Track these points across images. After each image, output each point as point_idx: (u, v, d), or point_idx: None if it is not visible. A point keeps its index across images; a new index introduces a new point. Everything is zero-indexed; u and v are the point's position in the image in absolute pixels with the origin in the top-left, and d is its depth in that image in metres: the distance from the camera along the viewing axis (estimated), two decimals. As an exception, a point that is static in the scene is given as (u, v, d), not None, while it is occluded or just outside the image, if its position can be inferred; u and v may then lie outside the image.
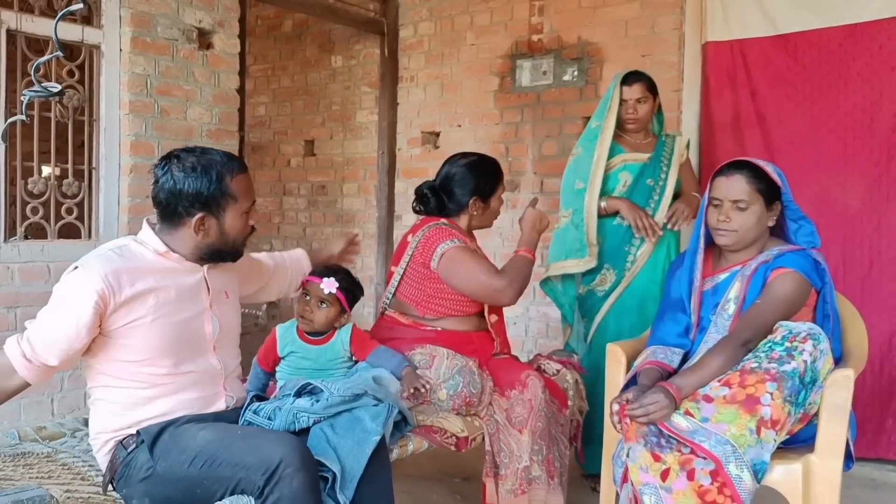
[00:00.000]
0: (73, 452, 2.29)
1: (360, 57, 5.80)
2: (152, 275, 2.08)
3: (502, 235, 5.10)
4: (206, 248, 2.15)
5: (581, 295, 3.56)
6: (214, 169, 2.09)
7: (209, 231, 2.12)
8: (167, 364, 2.10)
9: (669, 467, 2.18)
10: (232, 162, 2.14)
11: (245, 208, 2.16)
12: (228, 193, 2.11)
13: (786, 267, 2.44)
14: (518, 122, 5.04)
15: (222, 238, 2.15)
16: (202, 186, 2.07)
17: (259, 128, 6.40)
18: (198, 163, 2.09)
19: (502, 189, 3.14)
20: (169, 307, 2.09)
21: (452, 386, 2.62)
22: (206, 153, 2.13)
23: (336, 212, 5.97)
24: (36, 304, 3.46)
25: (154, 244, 2.13)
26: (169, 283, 2.10)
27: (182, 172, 2.08)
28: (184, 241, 2.14)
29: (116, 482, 2.04)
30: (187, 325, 2.14)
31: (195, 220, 2.09)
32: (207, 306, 2.20)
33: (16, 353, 1.99)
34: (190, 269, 2.17)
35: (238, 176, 2.13)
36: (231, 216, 2.13)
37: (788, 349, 2.23)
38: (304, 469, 1.86)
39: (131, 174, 3.80)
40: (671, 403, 2.22)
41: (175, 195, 2.08)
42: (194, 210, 2.09)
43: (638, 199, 3.47)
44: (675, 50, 4.41)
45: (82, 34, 3.67)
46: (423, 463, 3.62)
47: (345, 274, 2.72)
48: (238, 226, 2.16)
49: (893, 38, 3.75)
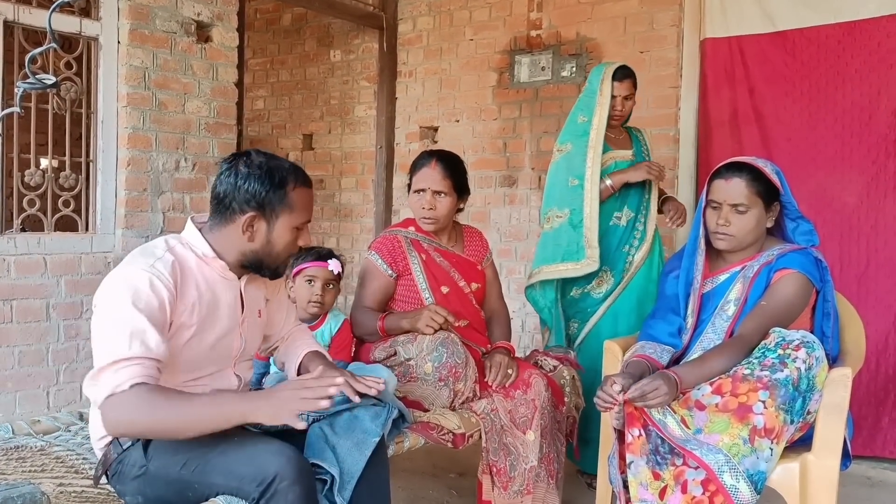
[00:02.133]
0: (67, 446, 2.29)
1: (358, 51, 5.79)
2: (196, 285, 2.02)
3: (499, 231, 5.10)
4: (251, 255, 2.08)
5: (573, 297, 3.48)
6: (280, 173, 2.04)
7: (256, 234, 2.05)
8: (186, 377, 2.05)
9: (667, 484, 2.18)
10: (298, 173, 2.08)
11: (298, 223, 2.08)
12: (286, 201, 2.04)
13: (789, 268, 2.43)
14: (516, 117, 5.03)
15: (268, 247, 2.08)
16: (262, 186, 2.01)
17: (257, 121, 6.39)
18: (266, 164, 2.04)
19: (415, 184, 2.96)
20: (206, 322, 2.04)
21: (437, 358, 2.63)
22: (275, 159, 2.08)
23: (334, 206, 5.96)
24: (32, 296, 3.48)
25: (201, 247, 2.06)
26: (209, 297, 2.04)
27: (247, 169, 2.02)
28: (230, 241, 2.06)
29: (111, 478, 2.03)
30: (219, 341, 2.09)
31: (246, 218, 2.03)
32: (240, 323, 2.14)
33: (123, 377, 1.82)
34: (230, 282, 2.11)
35: (301, 188, 2.07)
36: (282, 225, 2.06)
37: (781, 357, 2.21)
38: (299, 482, 1.82)
39: (129, 167, 3.80)
40: (671, 392, 2.19)
41: (234, 189, 2.02)
42: (248, 208, 2.02)
43: (632, 198, 3.45)
44: (673, 46, 4.41)
45: (80, 26, 3.66)
46: (419, 458, 3.62)
47: (335, 255, 2.85)
48: (286, 238, 2.08)
49: (892, 35, 3.76)
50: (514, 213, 5.07)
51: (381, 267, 2.91)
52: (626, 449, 2.26)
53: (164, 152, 3.92)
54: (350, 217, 5.89)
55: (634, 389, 2.19)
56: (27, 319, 3.51)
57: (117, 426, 1.86)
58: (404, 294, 2.94)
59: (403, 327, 2.75)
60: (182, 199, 4.02)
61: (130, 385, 1.80)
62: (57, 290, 3.58)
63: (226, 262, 2.08)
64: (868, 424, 3.76)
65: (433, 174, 2.91)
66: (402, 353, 2.70)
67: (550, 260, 3.40)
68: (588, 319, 3.44)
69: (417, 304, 2.90)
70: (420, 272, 2.92)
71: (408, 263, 2.92)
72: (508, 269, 5.06)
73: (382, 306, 2.94)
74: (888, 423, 3.77)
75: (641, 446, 2.23)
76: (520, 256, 5.03)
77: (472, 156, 5.09)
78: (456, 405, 2.67)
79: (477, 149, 5.18)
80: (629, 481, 2.23)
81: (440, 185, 2.90)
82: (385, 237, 3.00)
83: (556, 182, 3.44)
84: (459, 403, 2.68)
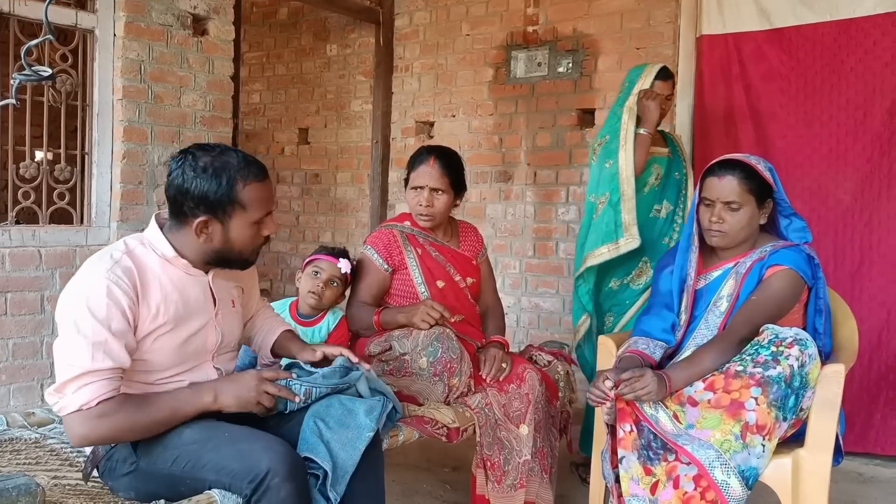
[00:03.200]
0: (61, 438, 2.29)
1: (355, 46, 5.78)
2: (160, 287, 1.98)
3: (495, 226, 5.10)
4: (212, 253, 2.04)
5: (611, 289, 3.47)
6: (227, 172, 1.95)
7: (212, 237, 2.00)
8: (161, 375, 2.02)
9: (658, 479, 2.19)
10: (249, 168, 1.99)
11: (255, 218, 2.01)
12: (237, 201, 1.96)
13: (781, 264, 2.44)
14: (512, 113, 5.03)
15: (227, 245, 2.02)
16: (209, 189, 1.93)
17: (253, 115, 6.38)
18: (211, 164, 1.95)
19: (412, 181, 2.97)
20: (176, 321, 2.00)
21: (432, 353, 2.64)
22: (223, 154, 1.99)
23: (329, 200, 5.96)
24: (27, 289, 3.48)
25: (162, 248, 2.01)
26: (176, 297, 2.00)
27: (193, 171, 1.94)
28: (188, 242, 2.02)
29: (101, 473, 2.02)
30: (192, 338, 2.05)
31: (198, 222, 1.97)
32: (213, 316, 2.11)
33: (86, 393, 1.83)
34: (196, 277, 2.07)
35: (252, 184, 1.98)
36: (238, 225, 1.99)
37: (774, 354, 2.22)
38: (291, 479, 1.83)
39: (124, 160, 3.79)
40: (661, 390, 2.22)
41: (182, 193, 1.95)
42: (198, 212, 1.96)
43: (670, 192, 3.47)
44: (669, 43, 4.41)
45: (76, 18, 3.65)
46: (413, 452, 3.63)
47: (349, 256, 2.88)
48: (246, 235, 2.02)
49: (887, 33, 3.76)
50: (510, 209, 5.07)
51: (377, 261, 2.91)
52: (617, 444, 2.27)
53: (159, 145, 3.92)
54: (345, 212, 5.89)
55: (624, 385, 2.22)
56: (22, 312, 3.50)
57: (85, 440, 1.88)
58: (400, 288, 2.94)
59: (399, 321, 2.76)
60: (177, 193, 4.01)
61: (97, 402, 1.83)
62: (52, 283, 3.58)
63: (188, 260, 2.04)
64: (861, 421, 3.78)
65: (431, 172, 2.91)
66: (398, 348, 2.71)
67: (592, 246, 3.38)
68: (625, 312, 3.44)
69: (413, 299, 2.90)
70: (416, 266, 2.93)
71: (403, 258, 2.92)
72: (504, 265, 5.07)
73: (378, 301, 2.95)
74: (880, 419, 3.79)
75: (633, 441, 2.24)
76: (515, 252, 5.04)
77: (467, 151, 5.10)
78: (450, 400, 2.67)
79: (473, 144, 5.18)
80: (621, 476, 2.24)
81: (438, 182, 2.91)
82: (380, 232, 3.00)
83: (596, 172, 3.41)
84: (454, 398, 2.68)
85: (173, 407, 1.92)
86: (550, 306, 4.90)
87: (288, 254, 6.15)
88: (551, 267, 4.90)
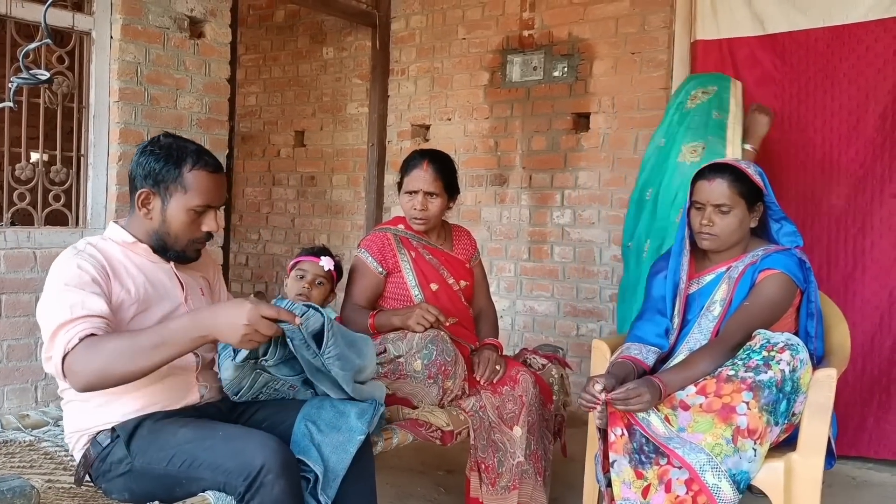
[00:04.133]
0: (55, 441, 2.29)
1: (351, 49, 5.79)
2: (126, 271, 2.06)
3: (490, 229, 5.11)
4: (154, 235, 2.11)
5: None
6: (178, 153, 2.07)
7: (152, 212, 2.09)
8: None
9: (650, 483, 2.20)
10: (203, 157, 2.10)
11: (193, 205, 2.07)
12: (179, 181, 2.06)
13: (773, 268, 2.46)
14: (508, 116, 5.05)
15: (164, 226, 2.09)
16: (157, 164, 2.06)
17: (249, 117, 6.39)
18: (168, 146, 2.09)
19: (406, 185, 2.97)
20: (145, 302, 2.06)
21: (427, 355, 2.64)
22: (183, 141, 2.12)
23: (325, 203, 5.97)
24: (21, 290, 3.48)
25: (120, 236, 2.12)
26: (142, 279, 2.08)
27: (151, 150, 2.08)
28: (138, 222, 2.12)
29: (94, 477, 2.02)
30: (166, 320, 2.03)
31: (140, 192, 2.07)
32: (183, 301, 2.15)
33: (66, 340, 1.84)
34: (158, 265, 2.15)
35: (201, 171, 2.08)
36: (175, 205, 2.07)
37: (766, 358, 2.24)
38: (285, 475, 1.84)
39: (120, 162, 3.79)
40: (654, 398, 2.23)
41: (136, 167, 2.09)
42: (144, 184, 2.07)
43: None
44: (664, 48, 4.43)
45: (73, 20, 3.66)
46: (407, 455, 3.63)
47: (331, 254, 2.88)
48: (181, 219, 2.08)
49: (880, 40, 3.78)
50: (505, 212, 5.08)
51: (371, 264, 2.92)
52: (609, 448, 2.28)
53: (155, 148, 3.92)
54: (341, 214, 5.89)
55: (618, 392, 2.22)
56: (16, 314, 3.50)
57: (85, 381, 1.82)
58: (394, 291, 2.95)
59: (394, 324, 2.77)
60: (173, 195, 4.02)
61: (80, 339, 1.82)
62: (47, 285, 3.57)
63: (148, 245, 2.13)
64: (853, 424, 3.79)
65: (425, 176, 2.92)
66: (392, 351, 2.72)
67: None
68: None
69: (407, 301, 2.91)
70: (410, 269, 2.93)
71: (397, 261, 2.93)
72: (499, 268, 5.08)
73: (372, 303, 2.96)
74: (873, 422, 3.80)
75: (624, 445, 2.25)
76: (510, 255, 5.05)
77: (463, 154, 5.11)
78: (445, 403, 2.68)
79: (468, 147, 5.19)
80: (612, 480, 2.25)
81: (432, 186, 2.92)
82: (374, 235, 3.01)
83: (674, 183, 3.38)
84: (448, 401, 2.69)
85: (163, 335, 1.82)
86: (545, 310, 4.92)
87: (283, 256, 6.15)
88: (546, 270, 4.91)
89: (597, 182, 4.71)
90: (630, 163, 4.55)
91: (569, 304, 4.82)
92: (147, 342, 1.80)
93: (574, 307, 4.80)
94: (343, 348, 2.15)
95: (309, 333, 2.05)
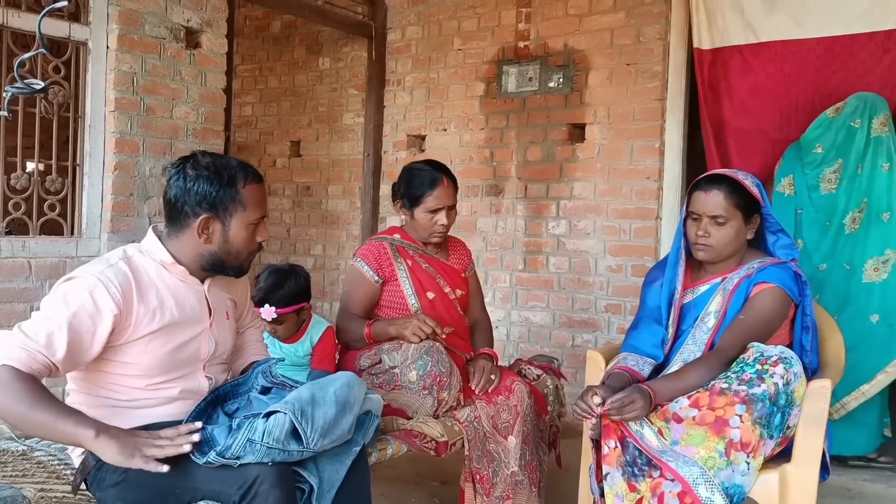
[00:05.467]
0: (48, 451, 2.28)
1: (347, 59, 5.80)
2: (156, 293, 2.02)
3: (485, 240, 5.12)
4: (209, 257, 2.08)
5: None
6: (227, 172, 2.04)
7: (213, 236, 2.05)
8: (150, 381, 2.04)
9: (643, 496, 2.20)
10: (247, 170, 2.09)
11: (253, 219, 2.08)
12: (238, 199, 2.04)
13: (769, 282, 2.46)
14: (503, 127, 5.06)
15: (226, 247, 2.07)
16: (212, 187, 2.01)
17: (245, 128, 6.39)
18: (212, 164, 2.04)
19: (431, 203, 2.93)
20: (170, 328, 2.03)
21: (422, 366, 2.64)
22: (222, 158, 2.09)
23: (321, 213, 5.97)
24: (16, 300, 3.47)
25: (159, 254, 2.06)
26: (171, 303, 2.04)
27: (195, 171, 2.03)
28: (188, 246, 2.07)
29: (90, 484, 2.02)
30: (185, 346, 2.07)
31: (199, 221, 2.03)
32: (207, 326, 2.13)
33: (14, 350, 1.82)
34: (192, 286, 2.11)
35: (251, 184, 2.08)
36: (237, 224, 2.06)
37: (759, 371, 2.23)
38: (279, 486, 1.83)
39: (115, 172, 3.79)
40: (646, 405, 2.23)
41: (184, 193, 2.02)
42: (200, 210, 2.02)
43: None
44: (659, 59, 4.44)
45: (69, 30, 3.66)
46: (402, 466, 3.62)
47: (281, 284, 2.84)
48: (243, 236, 2.08)
49: (873, 53, 3.81)
50: (501, 223, 5.09)
51: (367, 273, 2.92)
52: (602, 460, 2.28)
53: (151, 157, 3.92)
54: (337, 224, 5.89)
55: (611, 402, 2.22)
56: (11, 323, 3.45)
57: None
58: (390, 300, 2.95)
59: (390, 334, 2.77)
60: (168, 205, 4.02)
61: (2, 363, 1.79)
62: (41, 294, 3.56)
63: (185, 266, 2.08)
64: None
65: (448, 191, 2.95)
66: (387, 361, 2.71)
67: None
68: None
69: (403, 310, 2.91)
70: (406, 278, 2.94)
71: (394, 269, 2.94)
72: (494, 278, 5.08)
73: (368, 313, 2.96)
74: None
75: (617, 458, 2.25)
76: (505, 266, 5.05)
77: (458, 165, 5.11)
78: (440, 413, 2.68)
79: (464, 158, 5.19)
80: (605, 492, 2.25)
81: (453, 199, 2.98)
82: (370, 244, 3.01)
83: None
84: (443, 412, 2.69)
85: (54, 420, 1.80)
86: (540, 320, 4.92)
87: (279, 266, 6.13)
88: (541, 281, 4.92)
89: (592, 193, 4.71)
90: (625, 173, 4.57)
91: (564, 314, 4.82)
92: (36, 417, 1.79)
93: (569, 318, 4.80)
94: (329, 418, 1.96)
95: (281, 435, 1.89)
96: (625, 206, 4.59)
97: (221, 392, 2.18)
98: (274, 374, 2.19)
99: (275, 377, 2.19)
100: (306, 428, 1.90)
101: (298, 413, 1.90)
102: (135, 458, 1.81)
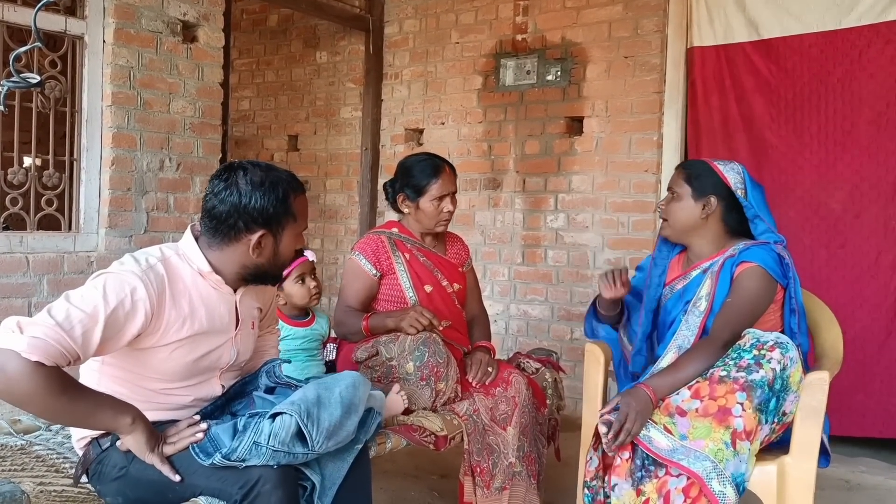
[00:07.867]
0: (47, 445, 2.28)
1: (344, 53, 5.79)
2: (189, 301, 1.97)
3: (484, 233, 5.11)
4: (254, 269, 2.04)
5: None
6: (281, 185, 1.99)
7: (264, 250, 2.02)
8: (167, 385, 2.02)
9: (648, 498, 2.20)
10: (295, 181, 2.06)
11: (301, 229, 2.09)
12: (291, 213, 2.02)
13: (750, 261, 2.47)
14: (501, 120, 5.05)
15: (274, 259, 2.05)
16: (269, 202, 1.96)
17: (243, 122, 6.38)
18: (266, 178, 1.98)
19: (437, 191, 2.95)
20: (197, 338, 2.00)
21: (419, 357, 2.64)
22: (272, 169, 2.03)
23: (319, 207, 5.96)
24: (14, 295, 3.47)
25: (198, 262, 2.00)
26: (201, 312, 2.00)
27: (249, 186, 1.95)
28: (232, 258, 2.02)
29: (91, 477, 2.02)
30: (208, 355, 2.05)
31: (255, 237, 1.98)
32: (232, 337, 2.10)
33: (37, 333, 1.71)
34: (224, 295, 2.06)
35: (300, 196, 2.06)
36: (288, 236, 2.04)
37: (756, 357, 2.23)
38: (282, 486, 1.83)
39: (113, 166, 3.79)
40: (642, 406, 2.24)
41: (239, 209, 1.95)
42: (256, 227, 1.97)
43: None
44: (657, 52, 4.44)
45: (65, 24, 3.65)
46: (401, 459, 3.63)
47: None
48: (291, 247, 2.07)
49: (872, 44, 3.80)
50: (499, 216, 5.08)
51: (366, 267, 2.92)
52: (612, 472, 2.28)
53: (148, 152, 3.92)
54: (335, 218, 5.89)
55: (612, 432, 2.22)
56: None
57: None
58: (388, 293, 2.95)
59: (388, 326, 2.77)
60: (166, 199, 4.02)
61: (36, 360, 1.67)
62: (39, 290, 3.56)
63: (223, 276, 2.03)
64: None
65: (451, 178, 3.00)
66: (384, 353, 2.72)
67: None
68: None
69: (401, 303, 2.92)
70: (404, 271, 2.94)
71: (392, 263, 2.94)
72: (492, 272, 5.08)
73: (365, 306, 2.96)
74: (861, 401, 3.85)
75: (628, 469, 2.25)
76: (504, 259, 5.05)
77: (457, 158, 5.10)
78: (437, 405, 2.68)
79: (462, 151, 5.19)
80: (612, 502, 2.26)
81: (455, 185, 3.03)
82: (368, 238, 3.02)
83: None
84: (441, 404, 2.69)
85: (94, 408, 1.82)
86: (539, 314, 4.92)
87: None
88: (540, 274, 4.92)
89: (590, 186, 4.71)
90: (623, 166, 4.56)
91: (563, 308, 4.82)
92: (81, 407, 1.80)
93: (568, 311, 4.80)
94: (335, 420, 1.97)
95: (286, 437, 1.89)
96: (623, 200, 4.58)
97: (232, 393, 2.17)
98: (278, 374, 2.19)
99: (279, 377, 2.18)
100: (312, 430, 1.89)
101: (304, 415, 1.89)
102: (154, 454, 1.87)
